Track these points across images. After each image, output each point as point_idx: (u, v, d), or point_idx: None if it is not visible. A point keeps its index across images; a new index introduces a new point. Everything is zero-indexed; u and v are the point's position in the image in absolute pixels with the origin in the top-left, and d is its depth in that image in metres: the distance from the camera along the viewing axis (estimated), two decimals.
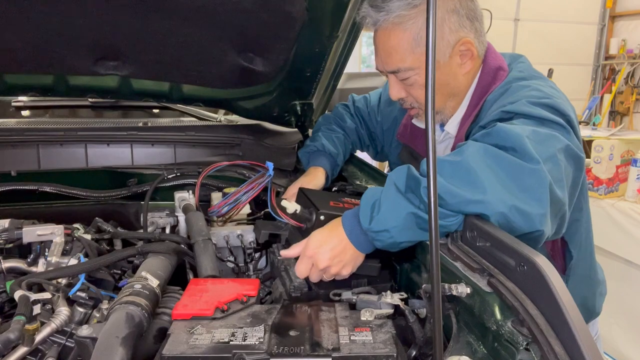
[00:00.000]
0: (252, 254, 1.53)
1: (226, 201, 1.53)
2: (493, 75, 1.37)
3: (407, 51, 1.30)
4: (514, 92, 1.26)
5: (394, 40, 1.31)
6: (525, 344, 0.77)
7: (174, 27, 1.55)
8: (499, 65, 1.38)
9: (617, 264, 3.09)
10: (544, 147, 1.07)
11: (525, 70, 1.37)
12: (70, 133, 1.87)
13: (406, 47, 1.30)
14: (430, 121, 0.67)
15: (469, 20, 1.33)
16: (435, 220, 0.69)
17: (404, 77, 1.35)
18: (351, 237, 1.12)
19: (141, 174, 1.83)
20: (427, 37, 0.66)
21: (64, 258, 1.25)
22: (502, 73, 1.37)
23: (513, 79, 1.33)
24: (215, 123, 2.25)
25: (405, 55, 1.31)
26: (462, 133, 1.36)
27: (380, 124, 1.82)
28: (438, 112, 1.42)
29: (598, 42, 8.17)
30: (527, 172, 1.01)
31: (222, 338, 0.90)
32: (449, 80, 1.36)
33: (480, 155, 1.03)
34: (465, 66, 1.36)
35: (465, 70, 1.37)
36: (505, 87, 1.31)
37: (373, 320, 0.97)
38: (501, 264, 0.91)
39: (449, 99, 1.40)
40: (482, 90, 1.37)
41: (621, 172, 3.23)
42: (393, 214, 1.04)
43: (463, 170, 1.01)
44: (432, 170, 0.67)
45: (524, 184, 1.01)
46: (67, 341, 1.02)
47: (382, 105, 1.82)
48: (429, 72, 0.66)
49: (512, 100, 1.22)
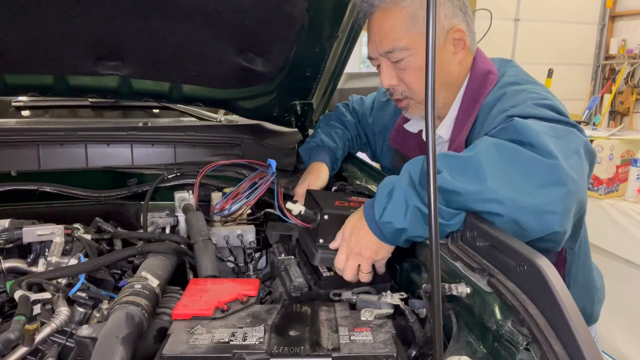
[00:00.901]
0: (252, 254, 1.53)
1: (229, 200, 1.52)
2: (483, 79, 1.37)
3: (402, 30, 1.30)
4: (512, 96, 1.24)
5: (390, 20, 1.31)
6: (525, 344, 0.77)
7: (174, 27, 1.55)
8: (488, 69, 1.38)
9: (617, 264, 3.09)
10: (564, 143, 1.01)
11: (517, 75, 1.36)
12: (70, 133, 1.87)
13: (402, 26, 1.30)
14: (430, 121, 0.67)
15: (461, 11, 1.34)
16: (436, 220, 0.69)
17: (398, 58, 1.34)
18: (370, 226, 1.12)
19: (141, 174, 1.83)
20: (427, 38, 0.66)
21: (64, 258, 1.25)
22: (492, 77, 1.37)
23: (506, 84, 1.32)
24: (215, 123, 2.25)
25: (401, 34, 1.31)
26: (461, 138, 1.34)
27: (372, 127, 1.83)
28: (424, 101, 1.39)
29: (598, 42, 8.17)
30: (545, 168, 0.95)
31: (222, 338, 0.90)
32: (442, 67, 1.36)
33: (493, 151, 0.99)
34: (458, 55, 1.37)
35: (458, 60, 1.37)
36: (501, 91, 1.30)
37: (373, 320, 0.97)
38: (501, 264, 0.91)
39: (442, 88, 1.39)
40: (473, 94, 1.37)
41: (621, 172, 3.22)
42: (401, 206, 1.04)
43: (473, 167, 0.97)
44: (432, 170, 0.67)
45: (541, 180, 0.95)
46: (67, 341, 1.02)
47: (375, 109, 1.83)
48: (429, 72, 0.66)
49: (513, 104, 1.19)
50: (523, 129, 1.01)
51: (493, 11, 1.78)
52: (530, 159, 0.96)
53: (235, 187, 1.55)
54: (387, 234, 1.09)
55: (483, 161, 0.97)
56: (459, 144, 1.34)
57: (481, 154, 0.98)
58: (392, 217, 1.06)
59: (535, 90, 1.24)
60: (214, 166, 1.68)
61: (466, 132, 1.34)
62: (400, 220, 1.05)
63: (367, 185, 1.58)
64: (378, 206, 1.09)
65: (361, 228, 1.14)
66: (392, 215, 1.06)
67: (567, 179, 0.95)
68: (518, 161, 0.97)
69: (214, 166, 1.68)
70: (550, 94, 1.26)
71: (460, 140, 1.35)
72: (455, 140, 1.38)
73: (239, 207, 1.52)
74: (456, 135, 1.39)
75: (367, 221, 1.13)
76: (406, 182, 1.06)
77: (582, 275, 1.40)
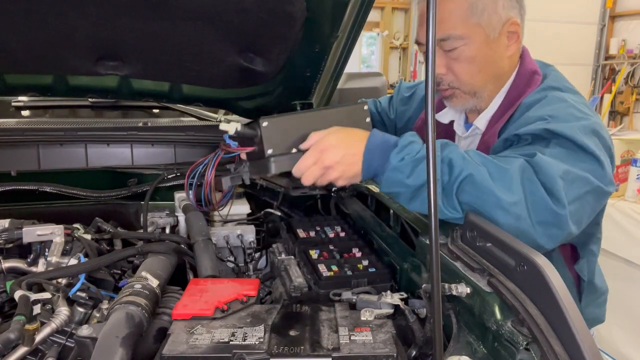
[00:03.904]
0: (252, 254, 1.53)
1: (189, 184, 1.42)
2: (529, 78, 1.35)
3: (460, 18, 1.28)
4: (552, 103, 1.25)
5: (449, 5, 1.29)
6: (525, 344, 0.77)
7: (174, 27, 1.55)
8: (535, 69, 1.37)
9: (617, 264, 3.09)
10: (574, 188, 1.09)
11: (559, 81, 1.36)
12: (70, 133, 1.87)
13: (460, 14, 1.28)
14: (431, 121, 0.67)
15: (517, 4, 1.33)
16: (436, 221, 0.69)
17: (451, 47, 1.31)
18: (366, 157, 1.12)
19: (141, 174, 1.83)
20: (427, 37, 0.66)
21: (64, 258, 1.25)
22: (537, 77, 1.36)
23: (549, 87, 1.32)
24: (215, 123, 2.25)
25: (457, 22, 1.28)
26: (495, 130, 1.33)
27: (394, 122, 1.81)
28: (476, 93, 1.37)
29: (598, 42, 8.16)
30: (551, 213, 1.04)
31: (222, 338, 0.90)
32: (496, 59, 1.34)
33: (523, 174, 1.07)
34: (510, 48, 1.35)
35: (510, 53, 1.36)
36: (542, 93, 1.30)
37: (373, 320, 0.97)
38: (501, 264, 0.91)
39: (491, 81, 1.37)
40: (516, 92, 1.36)
41: (621, 172, 3.23)
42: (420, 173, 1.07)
43: (508, 178, 1.05)
44: (432, 171, 0.67)
45: (544, 220, 1.05)
46: (67, 341, 1.02)
47: (397, 104, 1.81)
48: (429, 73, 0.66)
49: (551, 114, 1.20)
50: (543, 170, 1.07)
51: None
52: (542, 200, 1.05)
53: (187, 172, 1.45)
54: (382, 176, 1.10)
55: (515, 178, 1.06)
56: (492, 135, 1.33)
57: (514, 172, 1.06)
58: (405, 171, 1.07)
59: (576, 104, 1.24)
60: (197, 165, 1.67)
61: (500, 125, 1.32)
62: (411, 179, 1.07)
63: (367, 186, 1.58)
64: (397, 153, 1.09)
65: (350, 148, 1.13)
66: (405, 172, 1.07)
67: (565, 226, 1.06)
68: (534, 195, 1.05)
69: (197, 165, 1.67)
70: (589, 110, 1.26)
71: (493, 132, 1.33)
72: (489, 132, 1.36)
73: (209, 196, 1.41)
74: (490, 128, 1.38)
75: (367, 151, 1.12)
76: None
77: (597, 278, 1.43)
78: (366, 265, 1.25)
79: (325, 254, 1.31)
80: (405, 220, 1.30)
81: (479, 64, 1.33)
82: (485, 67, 1.34)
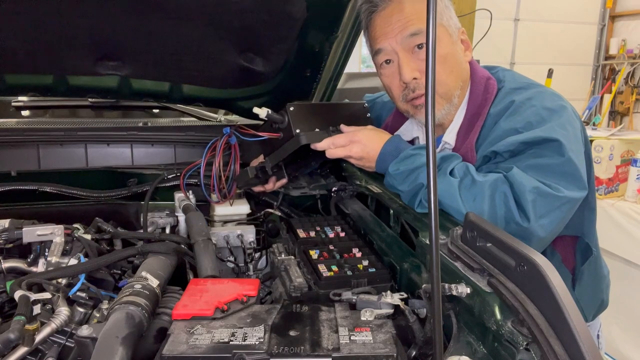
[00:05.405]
0: (252, 254, 1.53)
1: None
2: (485, 85, 1.38)
3: (424, 16, 1.30)
4: (520, 112, 1.28)
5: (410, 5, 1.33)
6: (525, 344, 0.77)
7: (174, 27, 1.55)
8: (487, 75, 1.41)
9: (617, 264, 3.09)
10: (544, 203, 1.17)
11: (516, 79, 1.39)
12: (70, 133, 1.87)
13: (423, 12, 1.30)
14: (431, 120, 0.67)
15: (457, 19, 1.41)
16: (436, 221, 0.69)
17: (422, 41, 1.33)
18: (379, 159, 1.37)
19: (141, 174, 1.83)
20: (427, 36, 0.66)
21: (64, 258, 1.25)
22: (492, 82, 1.38)
23: (511, 90, 1.34)
24: (215, 123, 2.25)
25: (423, 19, 1.30)
26: (470, 142, 1.34)
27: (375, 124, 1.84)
28: (450, 96, 1.38)
29: (598, 42, 8.17)
30: (514, 224, 1.15)
31: (222, 338, 0.90)
32: (461, 61, 1.40)
33: (495, 187, 1.18)
34: (467, 55, 1.42)
35: (468, 59, 1.42)
36: (507, 99, 1.32)
37: (373, 320, 0.97)
38: (501, 264, 0.91)
39: (459, 85, 1.39)
40: (477, 101, 1.37)
41: (621, 172, 3.23)
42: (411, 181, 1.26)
43: (476, 189, 1.18)
44: (432, 172, 0.67)
45: (508, 231, 1.07)
46: (67, 341, 1.02)
47: (376, 106, 1.84)
48: (429, 72, 0.66)
49: (523, 124, 1.26)
50: (516, 184, 1.17)
51: (493, 11, 1.79)
52: (508, 212, 1.17)
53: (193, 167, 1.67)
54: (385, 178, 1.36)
55: (485, 190, 1.18)
56: (469, 148, 1.34)
57: (485, 185, 1.19)
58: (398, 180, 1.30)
59: (544, 102, 1.28)
60: (194, 166, 1.70)
61: (473, 139, 1.34)
62: (403, 186, 1.29)
63: (367, 186, 1.58)
64: (395, 163, 1.32)
65: (373, 147, 1.38)
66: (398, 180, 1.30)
67: (530, 237, 1.16)
68: (501, 208, 1.17)
69: (194, 166, 1.70)
70: (555, 95, 1.31)
71: (469, 145, 1.34)
72: (461, 146, 1.37)
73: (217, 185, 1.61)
74: (460, 142, 1.38)
75: (381, 154, 1.37)
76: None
77: (596, 262, 1.46)
78: (366, 266, 1.25)
79: (325, 254, 1.31)
80: (406, 220, 1.30)
81: (450, 64, 1.36)
82: (455, 68, 1.37)
